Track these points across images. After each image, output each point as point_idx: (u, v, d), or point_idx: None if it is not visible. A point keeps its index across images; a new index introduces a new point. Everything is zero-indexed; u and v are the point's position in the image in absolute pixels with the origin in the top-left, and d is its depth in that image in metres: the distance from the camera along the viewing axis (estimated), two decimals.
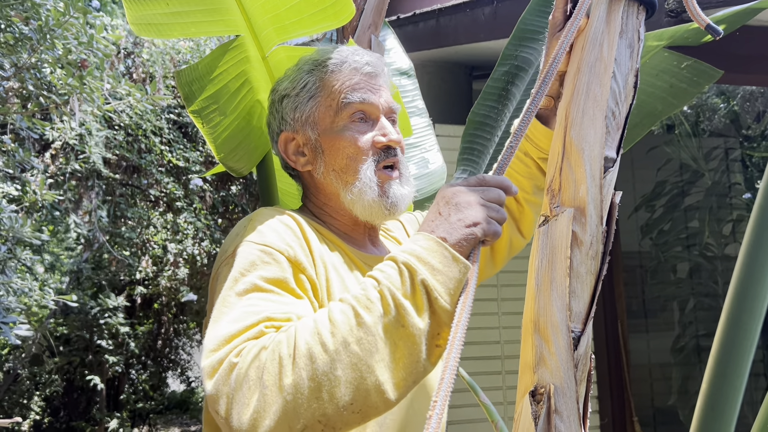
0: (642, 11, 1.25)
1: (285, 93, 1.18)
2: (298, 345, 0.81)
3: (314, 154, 1.16)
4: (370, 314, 0.82)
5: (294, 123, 1.17)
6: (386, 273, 0.87)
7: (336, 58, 1.17)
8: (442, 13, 3.98)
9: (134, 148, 4.62)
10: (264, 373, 0.81)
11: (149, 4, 1.20)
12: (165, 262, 5.64)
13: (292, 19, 1.28)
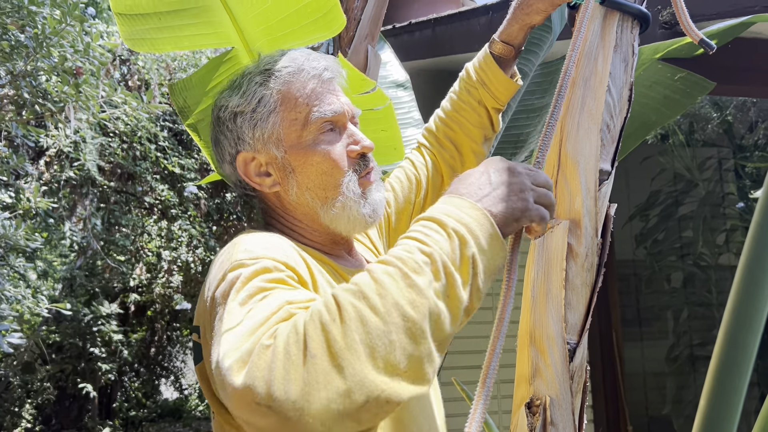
0: (636, 26, 1.26)
1: (237, 110, 1.06)
2: (344, 308, 0.71)
3: (283, 173, 1.06)
4: (420, 277, 0.74)
5: (254, 142, 1.05)
6: (434, 238, 0.78)
7: (290, 65, 1.07)
8: (437, 22, 4.00)
9: (129, 156, 4.61)
10: (310, 343, 0.70)
11: (141, 20, 1.20)
12: (159, 270, 5.62)
13: (283, 30, 1.28)
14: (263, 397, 0.68)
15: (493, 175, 0.87)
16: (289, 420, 0.67)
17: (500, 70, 1.31)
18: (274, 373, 0.69)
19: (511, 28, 1.29)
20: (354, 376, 0.67)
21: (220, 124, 1.09)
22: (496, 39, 1.32)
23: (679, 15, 1.23)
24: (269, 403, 0.68)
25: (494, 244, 0.80)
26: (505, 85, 1.33)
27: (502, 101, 1.36)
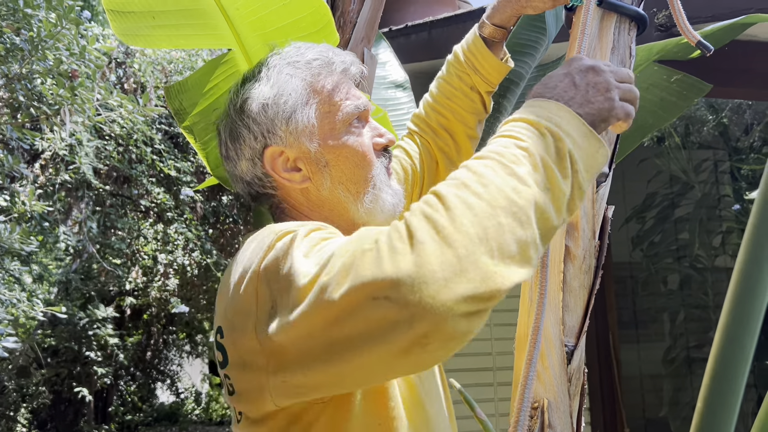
0: (633, 27, 1.26)
1: (268, 101, 1.01)
2: (447, 198, 0.68)
3: (314, 167, 1.01)
4: (520, 167, 0.72)
5: (286, 135, 1.00)
6: (527, 134, 0.76)
7: (320, 58, 1.05)
8: (434, 25, 4.00)
9: (125, 158, 4.60)
10: (416, 233, 0.66)
11: (134, 17, 1.19)
12: (155, 273, 5.61)
13: (279, 39, 1.28)
14: (378, 287, 0.65)
15: (577, 77, 0.87)
16: (408, 305, 0.63)
17: (491, 54, 1.29)
18: (383, 266, 0.65)
19: (504, 13, 1.27)
20: (468, 257, 0.64)
21: (244, 117, 1.02)
22: (486, 22, 1.28)
23: (676, 17, 1.23)
24: (386, 293, 0.64)
25: (590, 142, 0.80)
26: (497, 69, 1.30)
27: (494, 84, 1.34)
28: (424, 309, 0.63)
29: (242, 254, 0.89)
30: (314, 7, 1.33)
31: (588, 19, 1.15)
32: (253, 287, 0.82)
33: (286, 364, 0.77)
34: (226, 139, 1.06)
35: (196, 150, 1.29)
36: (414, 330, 0.64)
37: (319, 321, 0.71)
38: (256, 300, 0.81)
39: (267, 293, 0.80)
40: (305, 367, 0.75)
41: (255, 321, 0.81)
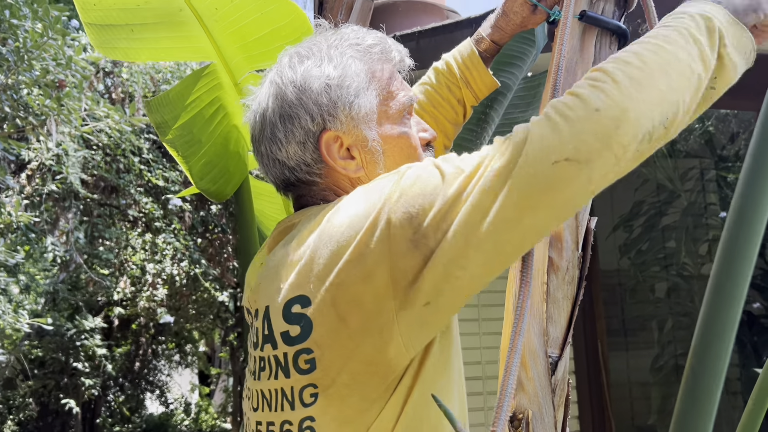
0: (615, 41, 1.27)
1: (330, 81, 0.94)
2: (613, 74, 0.80)
3: (370, 156, 0.98)
4: (671, 44, 0.83)
5: (347, 120, 0.95)
6: (678, 21, 0.87)
7: (380, 44, 1.01)
8: (422, 35, 4.02)
9: (113, 168, 4.58)
10: (591, 100, 0.78)
11: (112, 31, 1.19)
12: (143, 283, 5.58)
13: (259, 49, 1.29)
14: (557, 152, 0.76)
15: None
16: (590, 161, 0.76)
17: (486, 70, 1.30)
18: (561, 133, 0.77)
19: (505, 31, 1.29)
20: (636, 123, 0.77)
21: (304, 96, 0.94)
22: (484, 37, 1.29)
23: (649, 20, 1.24)
24: (566, 155, 0.76)
25: (737, 28, 0.88)
26: (489, 84, 1.32)
27: (480, 99, 1.35)
28: (608, 155, 0.77)
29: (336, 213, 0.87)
30: (292, 15, 1.33)
31: (566, 32, 1.16)
32: (379, 226, 0.82)
33: (440, 266, 0.80)
34: (273, 118, 0.97)
35: (180, 164, 1.29)
36: (592, 176, 0.77)
37: (490, 195, 0.78)
38: (388, 227, 0.81)
39: (405, 220, 0.81)
40: (466, 251, 0.79)
41: (389, 257, 0.81)
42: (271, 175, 1.01)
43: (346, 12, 2.62)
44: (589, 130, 0.76)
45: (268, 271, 0.95)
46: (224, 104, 1.42)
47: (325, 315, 0.85)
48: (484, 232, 0.79)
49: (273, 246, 1.00)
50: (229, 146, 1.45)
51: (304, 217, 0.95)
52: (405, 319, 0.83)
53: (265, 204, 1.67)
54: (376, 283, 0.82)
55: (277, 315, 0.90)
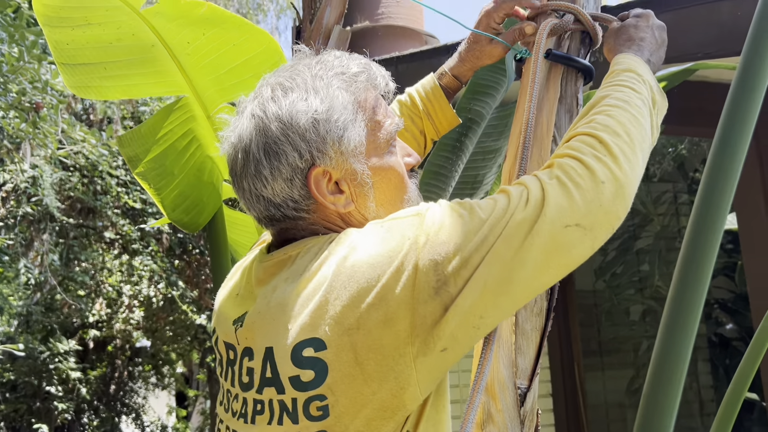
0: (580, 78, 1.31)
1: (317, 116, 0.91)
2: (612, 148, 0.90)
3: (360, 189, 0.95)
4: (643, 117, 0.98)
5: (335, 155, 0.91)
6: (638, 85, 1.03)
7: (364, 71, 0.98)
8: (400, 60, 4.07)
9: (90, 190, 4.54)
10: (598, 173, 0.87)
11: (86, 69, 1.19)
12: (120, 305, 5.51)
13: (232, 81, 1.30)
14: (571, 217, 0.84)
15: (657, 33, 1.18)
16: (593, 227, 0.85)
17: (448, 104, 1.33)
18: (574, 199, 0.85)
19: (462, 67, 1.32)
20: (630, 185, 0.89)
21: (290, 132, 0.90)
22: (447, 72, 1.32)
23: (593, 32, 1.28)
24: (577, 221, 0.84)
25: (660, 92, 1.08)
26: (449, 119, 1.35)
27: (441, 133, 1.38)
28: (607, 226, 0.87)
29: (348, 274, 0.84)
30: (265, 44, 1.35)
31: (537, 71, 1.20)
32: (406, 270, 0.82)
33: (459, 314, 0.82)
34: (258, 154, 0.91)
35: (152, 197, 1.29)
36: (593, 243, 0.86)
37: (509, 251, 0.82)
38: (415, 274, 0.82)
39: (431, 267, 0.82)
40: (485, 301, 0.83)
41: (412, 303, 0.81)
42: (255, 210, 0.97)
43: (323, 40, 2.65)
44: (596, 202, 0.85)
45: (267, 308, 0.90)
46: (197, 136, 1.43)
47: (342, 360, 0.82)
48: (503, 285, 0.82)
49: (265, 279, 0.95)
50: (202, 177, 1.46)
51: (301, 249, 0.92)
52: (422, 365, 0.83)
53: (239, 233, 1.68)
54: (396, 328, 0.81)
55: (285, 358, 0.86)
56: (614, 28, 1.22)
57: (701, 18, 2.62)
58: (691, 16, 2.63)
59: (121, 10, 1.19)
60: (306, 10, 2.70)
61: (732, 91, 1.44)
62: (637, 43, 1.16)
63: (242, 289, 1.00)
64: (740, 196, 3.38)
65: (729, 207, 1.39)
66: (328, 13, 2.56)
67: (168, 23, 1.21)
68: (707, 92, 2.92)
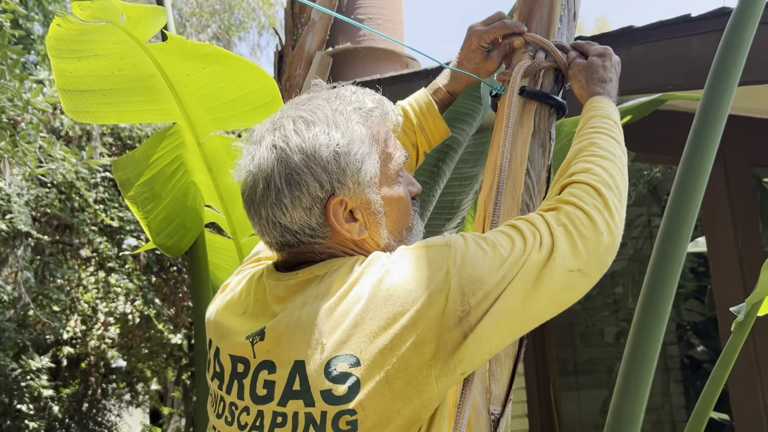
0: (553, 113, 1.36)
1: (339, 149, 0.96)
2: (609, 200, 1.01)
3: (373, 217, 1.01)
4: (623, 166, 1.10)
5: (353, 185, 0.97)
6: (615, 133, 1.15)
7: (378, 106, 1.04)
8: (381, 83, 4.11)
9: (67, 207, 4.51)
10: (599, 224, 0.98)
11: (85, 96, 1.23)
12: (95, 322, 5.45)
13: (227, 113, 1.33)
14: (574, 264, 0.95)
15: (618, 70, 1.28)
16: (590, 273, 0.97)
17: (441, 118, 1.38)
18: (579, 249, 0.96)
19: (457, 82, 1.39)
20: (618, 235, 1.01)
21: (313, 164, 0.95)
22: (441, 87, 1.39)
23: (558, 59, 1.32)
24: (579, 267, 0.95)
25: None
26: (442, 132, 1.40)
27: (432, 146, 1.42)
28: (600, 272, 0.98)
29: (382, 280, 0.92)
30: (262, 82, 1.39)
31: (512, 110, 1.25)
32: (438, 299, 0.90)
33: (476, 341, 0.91)
34: (280, 184, 0.96)
35: (140, 220, 1.32)
36: (588, 285, 0.97)
37: (523, 289, 0.92)
38: (446, 302, 0.90)
39: (458, 298, 0.90)
40: (500, 331, 0.92)
41: (439, 329, 0.89)
42: (269, 236, 1.01)
43: (305, 65, 2.70)
44: (595, 251, 0.97)
45: (298, 323, 0.93)
46: (185, 162, 1.46)
47: (374, 377, 0.88)
48: (515, 319, 0.93)
49: (287, 296, 0.99)
50: (187, 202, 1.49)
51: (329, 269, 0.97)
52: (442, 385, 0.91)
53: (220, 257, 1.70)
54: (424, 351, 0.89)
55: (318, 372, 0.89)
56: (582, 64, 1.27)
57: (672, 52, 2.72)
58: (662, 50, 2.73)
59: (126, 43, 1.23)
60: (288, 36, 2.76)
61: (695, 122, 1.51)
62: (608, 84, 1.25)
63: (251, 307, 1.03)
64: (709, 222, 3.48)
65: (691, 232, 1.47)
66: (310, 39, 2.62)
67: (170, 57, 1.26)
68: (676, 121, 3.02)
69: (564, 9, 1.41)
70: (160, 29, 1.27)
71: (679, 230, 1.48)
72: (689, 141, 1.50)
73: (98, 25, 1.18)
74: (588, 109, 1.21)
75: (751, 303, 1.33)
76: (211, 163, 1.46)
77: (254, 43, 15.98)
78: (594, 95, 1.23)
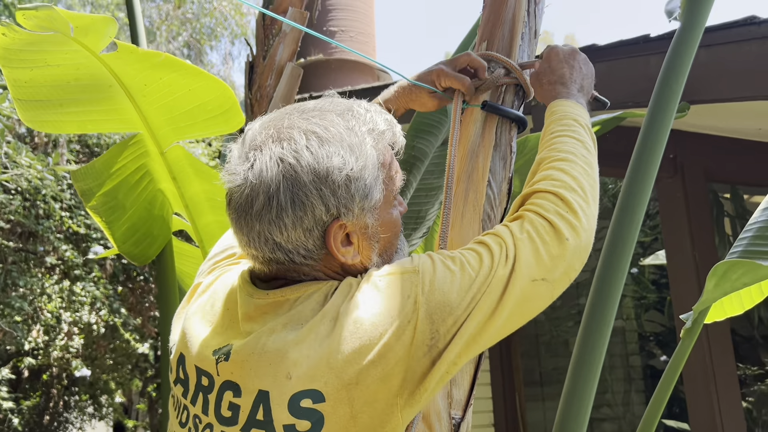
0: (514, 127, 1.41)
1: (351, 174, 0.91)
2: (574, 205, 1.00)
3: (368, 242, 0.98)
4: (593, 168, 1.10)
5: (359, 211, 0.94)
6: (583, 136, 1.14)
7: (389, 128, 1.01)
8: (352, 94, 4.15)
9: (31, 214, 4.43)
10: (564, 231, 0.97)
11: (42, 106, 1.23)
12: (58, 332, 5.34)
13: (186, 122, 1.35)
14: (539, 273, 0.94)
15: (584, 67, 1.28)
16: (556, 282, 0.96)
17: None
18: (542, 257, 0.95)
19: (395, 103, 1.40)
20: (589, 243, 1.00)
21: (323, 186, 0.90)
22: (381, 103, 1.40)
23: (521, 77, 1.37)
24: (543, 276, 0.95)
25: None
26: None
27: None
28: (568, 278, 0.97)
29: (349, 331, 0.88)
30: (219, 91, 1.41)
31: (457, 121, 1.30)
32: (406, 331, 0.88)
33: (444, 365, 0.90)
34: (284, 202, 0.90)
35: (104, 230, 1.32)
36: (554, 294, 0.97)
37: (489, 306, 0.91)
38: (413, 333, 0.88)
39: (427, 327, 0.89)
40: (466, 351, 0.91)
41: (407, 360, 0.88)
42: (257, 251, 0.95)
43: (276, 76, 2.72)
44: (561, 257, 0.96)
45: (263, 351, 0.91)
46: (150, 170, 1.47)
47: (339, 413, 0.86)
48: (481, 335, 0.92)
49: (256, 317, 0.96)
50: (153, 210, 1.50)
51: (301, 294, 0.94)
52: (407, 413, 0.90)
53: (187, 264, 1.71)
54: (391, 384, 0.87)
55: (281, 406, 0.87)
56: (538, 70, 1.31)
57: (632, 69, 2.82)
58: (623, 67, 2.82)
59: (80, 53, 1.23)
60: (259, 47, 2.77)
61: (639, 139, 1.57)
62: (570, 83, 1.25)
63: (220, 316, 1.01)
64: (669, 235, 3.59)
65: (634, 242, 1.53)
66: (281, 51, 2.64)
67: (126, 67, 1.26)
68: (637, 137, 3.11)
69: (525, 27, 1.47)
70: (112, 39, 1.28)
71: (622, 242, 1.53)
72: (634, 156, 1.56)
73: (48, 35, 1.18)
74: (547, 115, 1.22)
75: (698, 311, 1.39)
76: (175, 173, 1.47)
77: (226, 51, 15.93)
78: (554, 98, 1.24)
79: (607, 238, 1.52)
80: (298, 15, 2.44)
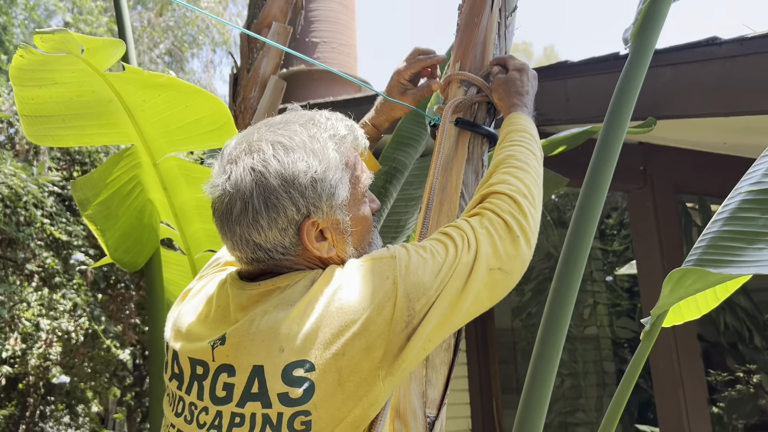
0: (485, 142, 1.50)
1: (316, 175, 1.03)
2: (523, 206, 1.14)
3: (341, 237, 1.09)
4: (539, 176, 1.23)
5: (327, 209, 1.05)
6: (532, 145, 1.28)
7: (350, 132, 1.11)
8: (334, 105, 4.25)
9: (12, 221, 4.42)
10: (514, 228, 1.10)
11: (45, 121, 1.29)
12: (36, 340, 5.31)
13: (181, 136, 1.42)
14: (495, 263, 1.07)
15: (533, 82, 1.43)
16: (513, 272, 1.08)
17: (369, 152, 1.47)
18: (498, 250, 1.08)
19: (379, 118, 1.53)
20: (534, 239, 1.14)
21: (291, 189, 1.01)
22: (367, 122, 1.52)
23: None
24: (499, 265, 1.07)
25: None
26: (371, 166, 1.50)
27: None
28: (520, 271, 1.10)
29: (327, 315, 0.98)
30: (215, 108, 1.48)
31: (444, 137, 1.39)
32: (386, 307, 0.99)
33: (419, 341, 1.00)
34: (258, 206, 1.01)
35: (98, 238, 1.38)
36: (510, 282, 1.09)
37: (456, 288, 1.03)
38: (393, 309, 0.99)
39: (405, 304, 1.00)
40: (437, 329, 1.02)
41: (388, 334, 0.98)
42: (241, 252, 1.06)
43: (260, 89, 2.80)
44: (513, 252, 1.09)
45: (257, 330, 1.00)
46: (141, 181, 1.53)
47: (327, 381, 0.96)
48: (450, 315, 1.03)
49: (249, 305, 1.05)
50: (143, 219, 1.56)
51: (290, 282, 1.05)
52: (388, 385, 1.00)
53: (174, 272, 1.76)
54: (373, 355, 0.97)
55: (275, 376, 0.96)
56: (501, 79, 1.43)
57: (603, 85, 2.93)
58: (594, 83, 2.94)
59: (86, 72, 1.30)
60: (243, 60, 2.85)
61: (595, 151, 1.67)
62: (525, 97, 1.40)
63: (213, 312, 1.10)
64: (639, 245, 3.71)
65: (589, 248, 1.62)
66: (265, 64, 2.71)
67: (127, 85, 1.33)
68: None
69: (496, 48, 1.56)
70: (119, 59, 1.35)
71: (577, 251, 1.61)
72: (589, 170, 1.66)
73: (59, 56, 1.25)
74: (506, 124, 1.35)
75: (656, 315, 1.48)
76: (166, 183, 1.53)
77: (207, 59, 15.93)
78: (512, 109, 1.37)
79: (564, 246, 1.62)
80: (282, 30, 2.52)
